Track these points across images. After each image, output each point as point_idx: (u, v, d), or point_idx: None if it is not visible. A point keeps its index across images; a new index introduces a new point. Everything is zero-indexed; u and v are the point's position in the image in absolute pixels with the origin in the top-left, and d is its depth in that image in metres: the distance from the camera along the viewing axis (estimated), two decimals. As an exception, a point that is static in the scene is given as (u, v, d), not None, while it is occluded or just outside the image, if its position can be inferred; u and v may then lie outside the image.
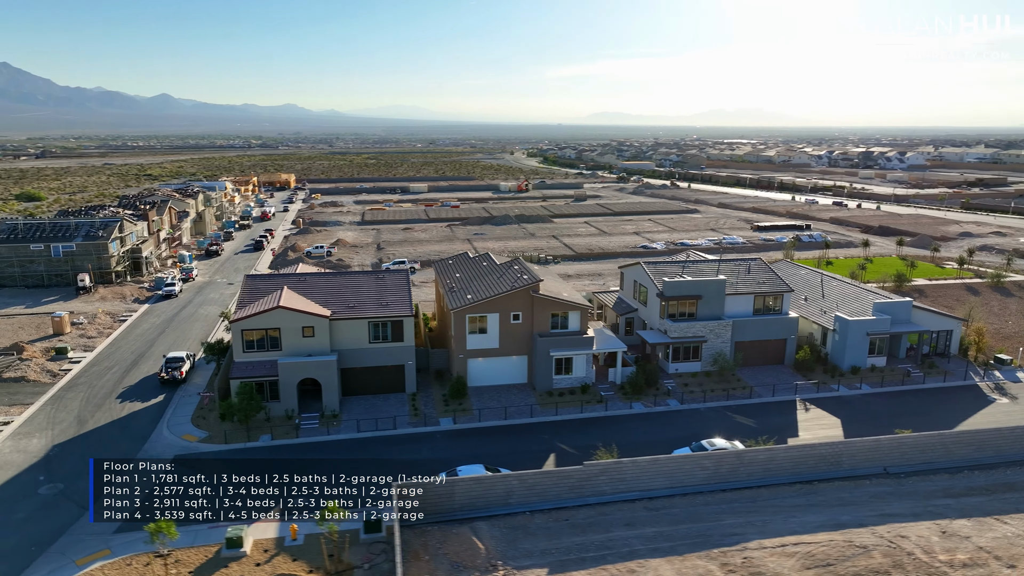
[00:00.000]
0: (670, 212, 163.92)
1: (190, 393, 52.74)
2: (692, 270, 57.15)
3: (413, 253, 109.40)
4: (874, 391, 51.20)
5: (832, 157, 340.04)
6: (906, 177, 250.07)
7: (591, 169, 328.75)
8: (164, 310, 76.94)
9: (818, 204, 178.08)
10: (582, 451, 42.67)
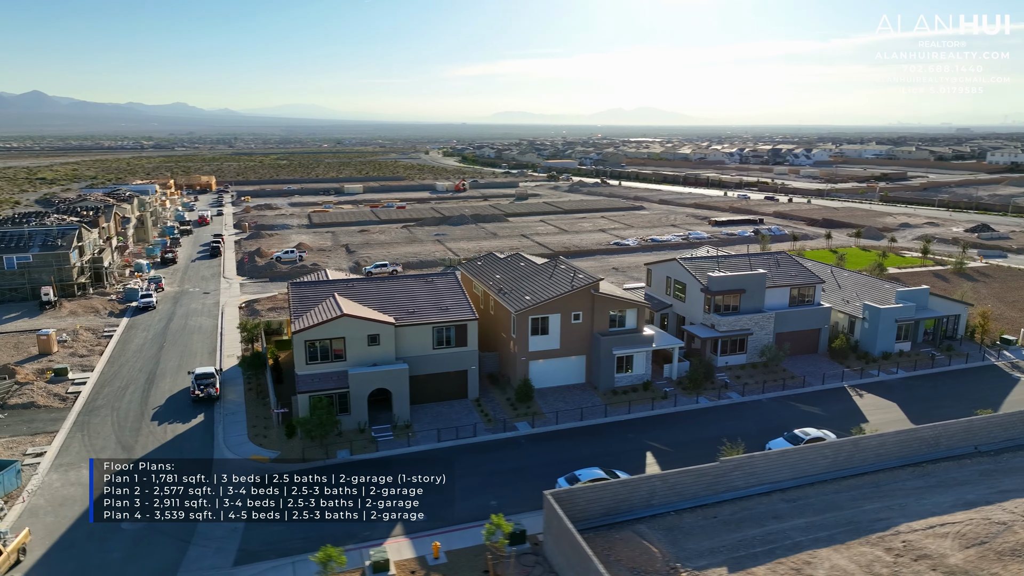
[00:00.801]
0: (617, 209, 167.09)
1: (230, 410, 49.43)
2: (727, 265, 58.55)
3: (385, 255, 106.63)
4: (909, 375, 54.19)
5: (743, 154, 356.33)
6: (817, 172, 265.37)
7: (513, 168, 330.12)
8: (149, 323, 71.66)
9: (750, 199, 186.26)
10: (674, 447, 43.03)
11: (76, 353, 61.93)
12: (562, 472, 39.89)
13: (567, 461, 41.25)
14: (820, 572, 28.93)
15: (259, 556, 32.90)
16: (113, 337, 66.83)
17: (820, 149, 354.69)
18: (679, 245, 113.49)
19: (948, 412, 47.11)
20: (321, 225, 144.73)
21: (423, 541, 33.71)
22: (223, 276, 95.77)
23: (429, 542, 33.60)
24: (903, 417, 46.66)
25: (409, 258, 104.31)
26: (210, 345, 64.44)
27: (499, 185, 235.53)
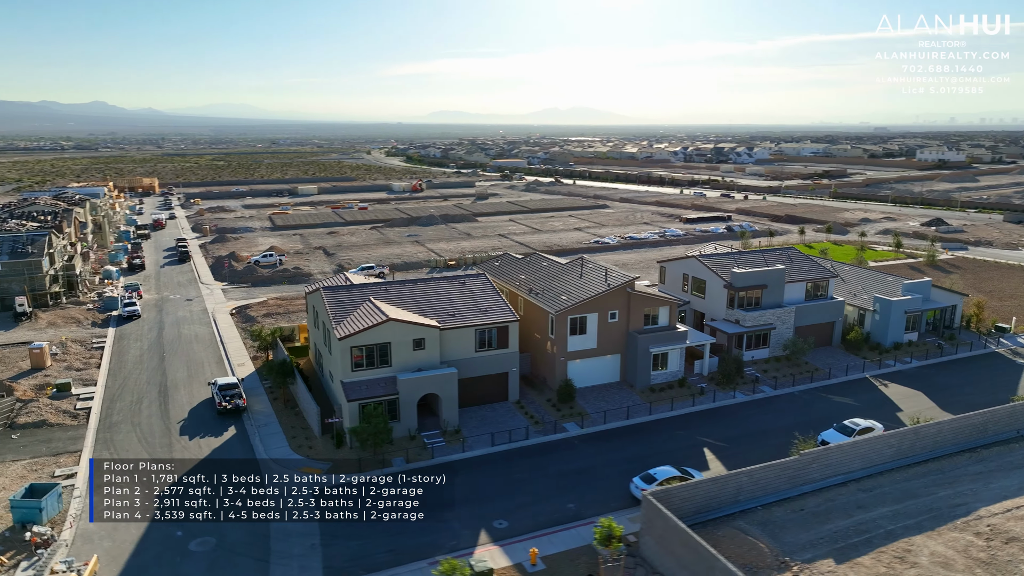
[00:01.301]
0: (582, 208, 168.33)
1: (261, 421, 47.51)
2: (744, 261, 59.67)
3: (366, 257, 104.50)
4: (923, 364, 56.40)
5: (687, 153, 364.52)
6: (762, 170, 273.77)
7: (463, 168, 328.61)
8: (139, 333, 68.19)
9: (706, 197, 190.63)
10: (727, 443, 43.57)
11: (71, 367, 58.40)
12: (626, 472, 39.92)
13: (628, 460, 41.26)
14: (923, 559, 29.73)
15: (349, 573, 31.61)
16: (105, 349, 63.32)
17: (761, 148, 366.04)
18: (657, 243, 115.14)
19: (971, 398, 49.32)
20: (285, 227, 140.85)
21: (513, 548, 33.08)
22: (200, 282, 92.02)
23: (519, 549, 33.02)
24: (932, 405, 48.51)
25: (392, 259, 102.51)
26: (214, 354, 61.79)
27: (455, 185, 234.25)
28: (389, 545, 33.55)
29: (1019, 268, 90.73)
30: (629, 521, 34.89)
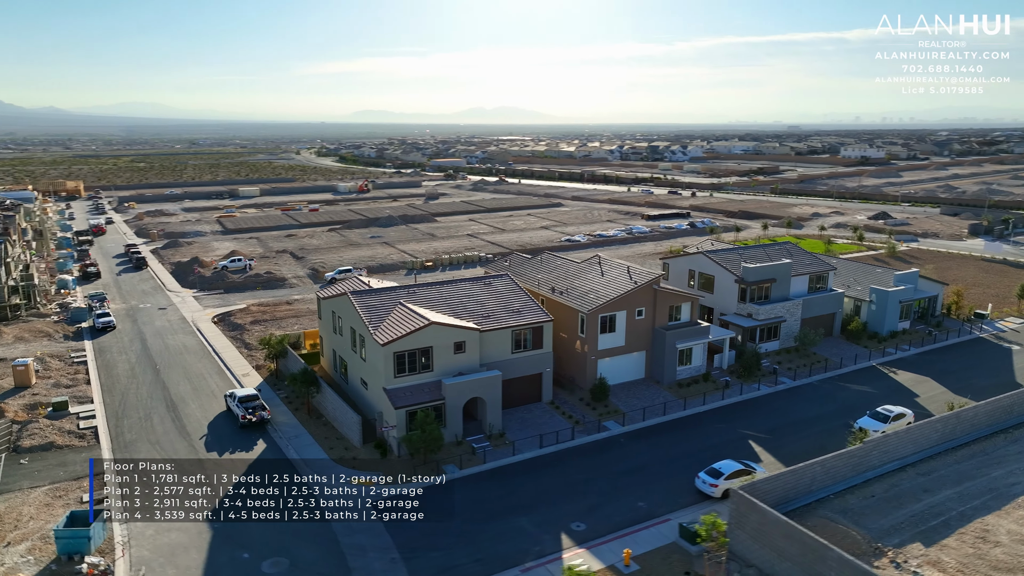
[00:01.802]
0: (538, 207, 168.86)
1: (289, 433, 45.52)
2: (748, 256, 61.06)
3: (338, 260, 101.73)
4: (921, 351, 59.14)
5: (623, 151, 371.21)
6: (699, 168, 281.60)
7: (398, 167, 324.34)
8: (121, 346, 64.26)
9: (654, 194, 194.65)
10: (769, 434, 44.50)
11: (59, 383, 54.48)
12: (681, 467, 40.25)
13: (680, 456, 41.59)
14: (1002, 538, 31.11)
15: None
16: (88, 364, 59.36)
17: (694, 146, 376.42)
18: (626, 240, 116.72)
19: (975, 381, 52.07)
20: (238, 231, 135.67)
21: (600, 551, 32.74)
22: (167, 290, 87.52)
23: (606, 550, 32.71)
24: (944, 389, 50.89)
25: (366, 262, 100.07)
26: (212, 365, 58.85)
27: (401, 185, 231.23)
28: (472, 554, 32.67)
29: (971, 258, 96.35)
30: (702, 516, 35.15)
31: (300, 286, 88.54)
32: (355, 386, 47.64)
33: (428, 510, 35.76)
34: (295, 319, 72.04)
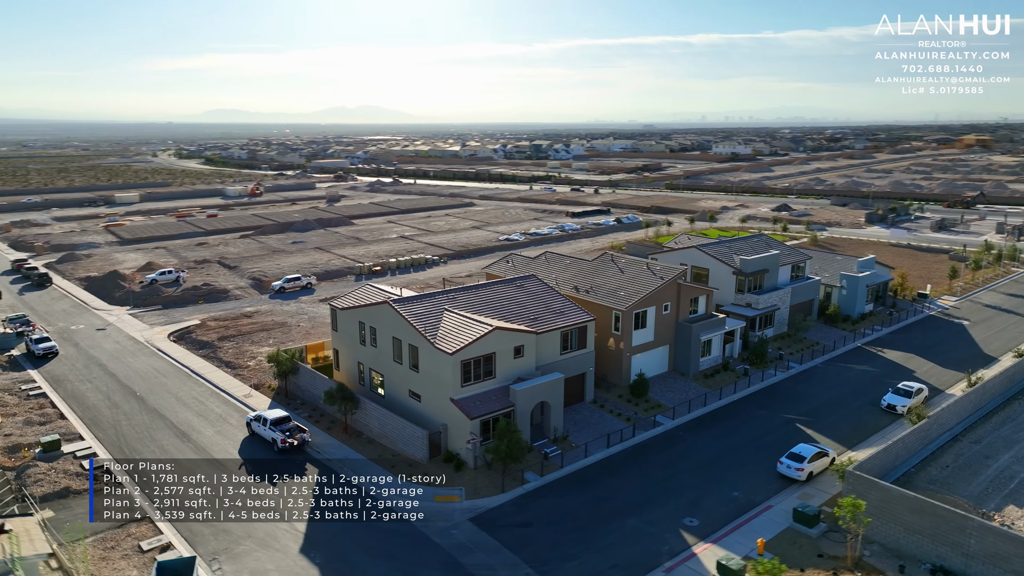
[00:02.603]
0: (452, 207, 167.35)
1: (335, 455, 42.58)
2: (734, 249, 63.80)
3: (279, 268, 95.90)
4: (891, 330, 64.38)
5: (507, 150, 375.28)
6: (586, 165, 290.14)
7: (276, 169, 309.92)
8: (78, 373, 57.36)
9: (556, 191, 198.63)
10: (808, 416, 46.90)
11: (30, 421, 47.78)
12: (753, 454, 41.70)
13: (745, 444, 42.96)
14: (1075, 492, 34.62)
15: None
16: (49, 396, 52.59)
17: (576, 144, 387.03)
18: (561, 237, 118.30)
19: (952, 354, 57.64)
20: (137, 240, 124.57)
21: (728, 543, 33.14)
22: (91, 308, 78.92)
23: (734, 542, 33.17)
24: (932, 364, 55.75)
25: (308, 269, 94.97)
26: (200, 388, 53.87)
27: (293, 188, 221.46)
28: (605, 560, 32.07)
29: (880, 244, 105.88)
30: (799, 499, 36.56)
31: (246, 297, 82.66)
32: (398, 400, 45.12)
33: (536, 520, 34.99)
34: (264, 333, 67.24)
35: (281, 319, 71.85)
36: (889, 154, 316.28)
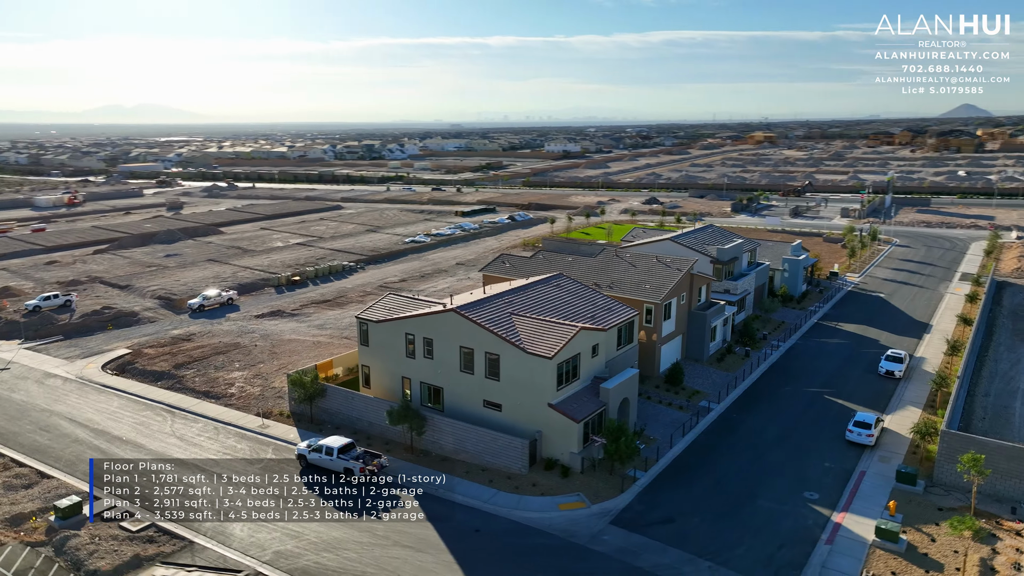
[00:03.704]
0: (320, 211, 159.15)
1: (418, 479, 39.25)
2: (699, 239, 67.62)
3: (179, 284, 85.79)
4: (830, 305, 71.82)
5: (337, 151, 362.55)
6: (430, 165, 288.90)
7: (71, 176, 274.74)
8: (21, 423, 48.05)
9: (415, 191, 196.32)
10: (824, 387, 51.35)
11: (10, 486, 39.31)
12: (815, 427, 44.90)
13: (801, 419, 46.30)
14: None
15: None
16: (5, 454, 43.52)
17: (410, 144, 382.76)
18: (465, 237, 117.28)
19: (893, 323, 65.64)
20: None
21: (857, 508, 35.60)
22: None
23: (861, 508, 35.66)
24: (887, 333, 63.03)
25: (206, 284, 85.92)
26: (199, 424, 47.34)
27: (115, 195, 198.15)
28: (771, 542, 33.02)
29: (760, 229, 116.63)
30: (880, 462, 40.16)
31: (162, 319, 73.24)
32: (464, 412, 42.59)
33: (675, 515, 35.38)
34: (221, 356, 60.30)
35: (229, 340, 64.71)
36: (700, 150, 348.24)
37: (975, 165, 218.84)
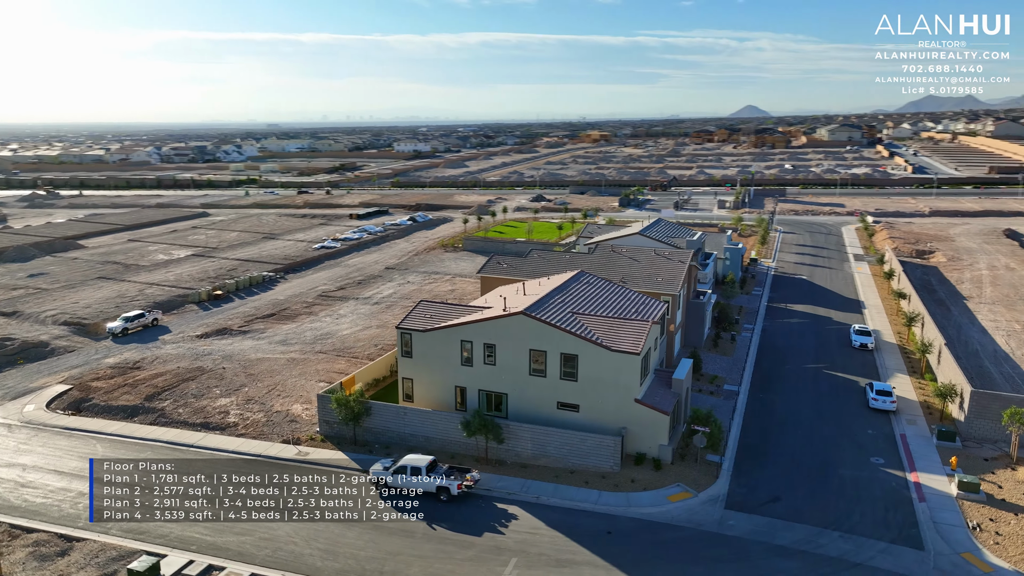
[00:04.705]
0: (185, 218, 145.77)
1: (500, 491, 38.37)
2: (661, 231, 70.63)
3: (73, 308, 75.06)
4: (767, 288, 77.91)
5: (164, 154, 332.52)
6: (278, 167, 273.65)
7: None
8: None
9: (278, 194, 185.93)
10: (817, 361, 55.76)
11: (40, 556, 32.85)
12: (834, 401, 48.77)
13: (820, 395, 50.16)
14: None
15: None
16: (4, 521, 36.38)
17: (249, 146, 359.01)
18: (375, 240, 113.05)
19: (831, 300, 72.77)
20: None
21: (922, 466, 39.39)
22: None
23: (925, 465, 39.50)
24: (831, 309, 69.67)
25: (111, 303, 76.25)
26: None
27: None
28: (875, 508, 35.64)
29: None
30: (908, 424, 44.70)
31: (81, 348, 63.91)
32: (533, 416, 41.55)
33: (778, 493, 37.31)
34: (191, 384, 54.16)
35: (188, 365, 57.97)
36: (546, 148, 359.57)
37: (795, 159, 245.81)
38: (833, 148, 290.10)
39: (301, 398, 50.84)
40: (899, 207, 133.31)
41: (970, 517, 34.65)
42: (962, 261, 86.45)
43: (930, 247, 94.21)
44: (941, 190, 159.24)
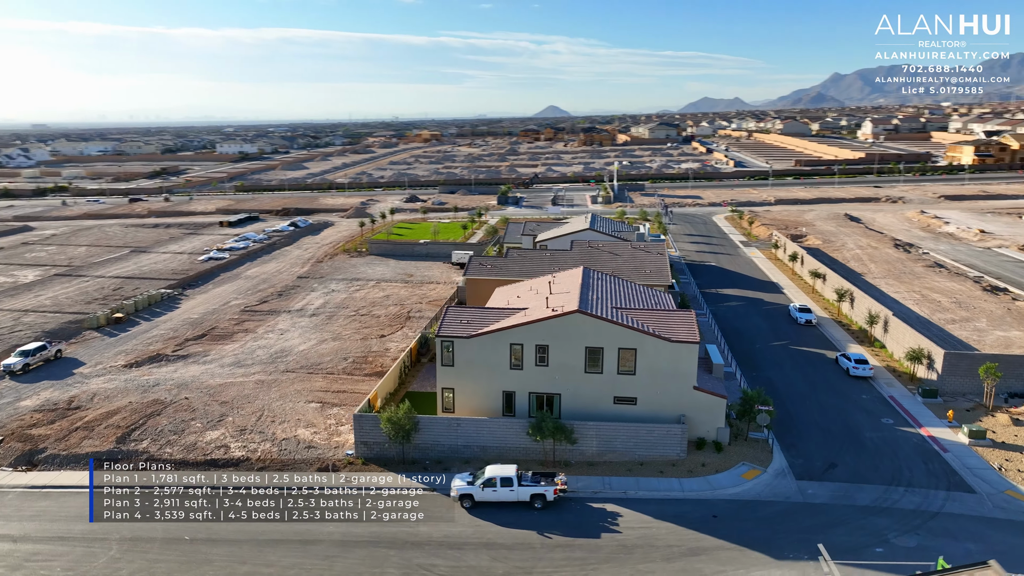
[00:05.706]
0: (4, 233, 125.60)
1: (584, 491, 38.23)
2: (604, 225, 72.92)
3: None
4: (690, 274, 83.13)
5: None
6: (83, 172, 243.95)
7: None
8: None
9: (103, 202, 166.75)
10: (782, 339, 60.76)
11: None
12: (822, 375, 53.04)
13: (803, 368, 54.38)
14: None
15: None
16: None
17: (39, 149, 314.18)
18: (264, 249, 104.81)
19: (749, 284, 79.13)
20: None
21: (929, 424, 44.44)
22: None
23: (929, 423, 44.60)
24: (755, 291, 75.78)
25: (13, 333, 64.70)
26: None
27: None
28: (910, 461, 39.84)
29: (544, 220, 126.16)
30: (887, 386, 50.29)
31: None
32: (587, 413, 41.45)
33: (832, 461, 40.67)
34: (157, 419, 47.63)
35: (140, 400, 50.70)
36: (381, 148, 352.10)
37: (628, 156, 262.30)
38: (656, 145, 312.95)
39: (300, 422, 46.53)
40: (749, 197, 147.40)
41: (991, 461, 39.89)
42: (832, 243, 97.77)
43: (801, 231, 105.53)
44: (768, 182, 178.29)
